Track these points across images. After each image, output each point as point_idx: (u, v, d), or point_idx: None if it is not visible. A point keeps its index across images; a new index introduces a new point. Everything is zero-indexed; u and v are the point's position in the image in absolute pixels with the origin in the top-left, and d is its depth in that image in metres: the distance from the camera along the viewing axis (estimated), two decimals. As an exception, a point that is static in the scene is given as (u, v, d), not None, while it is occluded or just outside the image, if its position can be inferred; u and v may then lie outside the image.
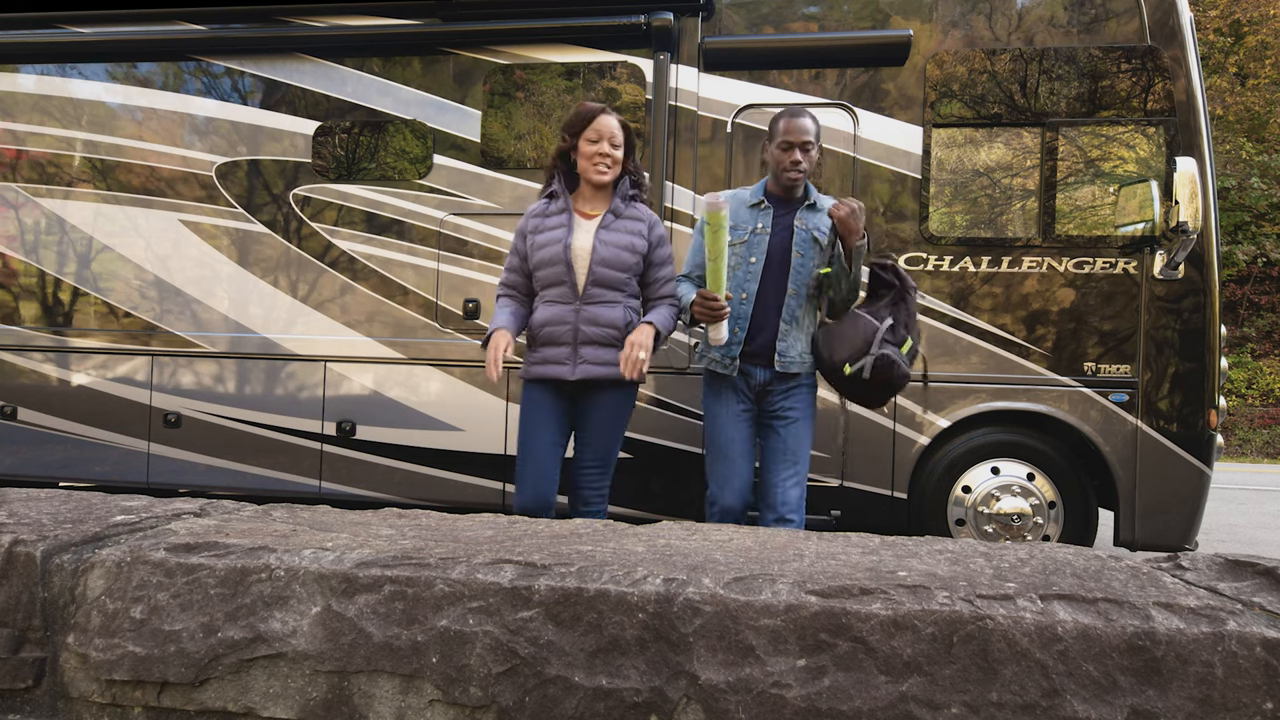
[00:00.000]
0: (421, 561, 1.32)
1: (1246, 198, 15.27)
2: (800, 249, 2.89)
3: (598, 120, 2.79)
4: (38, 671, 1.35)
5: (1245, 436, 13.96)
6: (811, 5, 4.27)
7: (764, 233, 2.88)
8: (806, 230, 2.90)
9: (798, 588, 1.23)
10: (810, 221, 2.92)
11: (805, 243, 2.89)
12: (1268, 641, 1.11)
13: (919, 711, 1.13)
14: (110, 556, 1.36)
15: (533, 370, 2.83)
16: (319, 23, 4.55)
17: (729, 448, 2.89)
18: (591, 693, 1.20)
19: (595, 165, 2.78)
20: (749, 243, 2.89)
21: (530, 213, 2.93)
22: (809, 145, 2.84)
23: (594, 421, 2.83)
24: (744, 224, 2.90)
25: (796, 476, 2.86)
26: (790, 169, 2.84)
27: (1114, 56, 3.93)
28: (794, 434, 2.88)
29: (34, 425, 4.78)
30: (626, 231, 2.82)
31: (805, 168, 2.86)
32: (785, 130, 2.85)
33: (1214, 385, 3.82)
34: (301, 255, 4.58)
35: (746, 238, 2.89)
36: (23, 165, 4.88)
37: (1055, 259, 3.94)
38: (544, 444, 2.79)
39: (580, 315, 2.77)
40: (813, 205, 2.94)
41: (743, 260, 2.89)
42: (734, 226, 2.86)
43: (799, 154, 2.83)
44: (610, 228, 2.82)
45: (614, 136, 2.79)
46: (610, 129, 2.79)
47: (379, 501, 4.43)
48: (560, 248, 2.77)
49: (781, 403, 2.90)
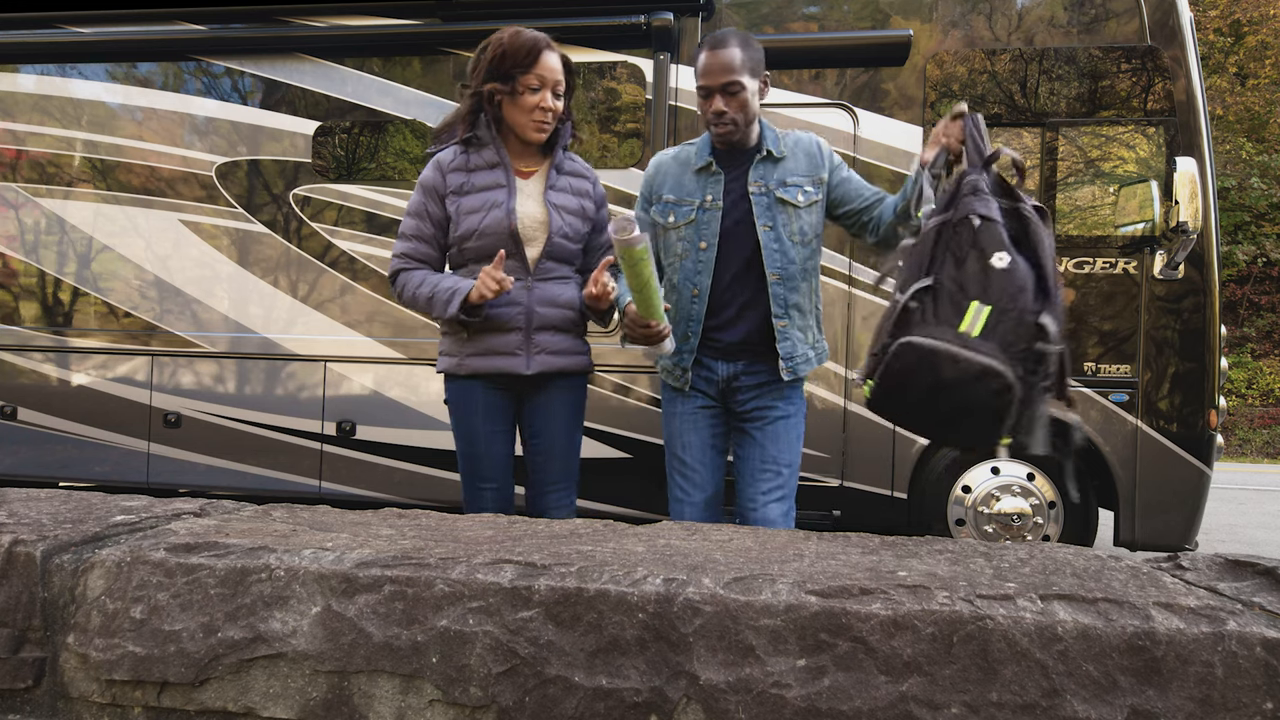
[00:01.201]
0: (421, 561, 1.32)
1: (1246, 198, 15.27)
2: (766, 219, 2.17)
3: (542, 60, 2.14)
4: (38, 671, 1.35)
5: (1245, 436, 13.96)
6: (811, 5, 4.27)
7: (714, 206, 2.19)
8: (766, 193, 2.18)
9: (798, 588, 1.23)
10: (772, 177, 2.18)
11: (769, 210, 2.18)
12: (1268, 641, 1.11)
13: (919, 711, 1.14)
14: (110, 556, 1.36)
15: (470, 364, 2.20)
16: (319, 23, 4.55)
17: (685, 454, 2.29)
18: (591, 693, 1.20)
19: (536, 121, 2.16)
20: (696, 223, 2.20)
21: (443, 164, 2.22)
22: (734, 86, 2.09)
23: (555, 426, 2.25)
24: (688, 197, 2.21)
25: (781, 491, 2.21)
26: (716, 123, 2.13)
27: (1114, 56, 3.93)
28: (773, 436, 2.23)
29: (34, 425, 4.78)
30: (574, 193, 2.27)
31: (734, 118, 2.12)
32: (701, 71, 2.12)
33: (1214, 385, 3.82)
34: (301, 255, 4.58)
35: (693, 216, 2.20)
36: (23, 165, 4.88)
37: (1055, 259, 3.93)
38: (500, 458, 2.22)
39: (534, 295, 2.18)
40: (769, 154, 2.19)
41: (690, 247, 2.21)
42: (676, 202, 2.22)
43: (720, 101, 2.10)
44: (559, 189, 2.25)
45: (559, 83, 2.18)
46: (555, 72, 2.16)
47: (379, 501, 4.43)
48: (502, 214, 2.15)
49: (755, 401, 2.25)
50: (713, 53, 2.10)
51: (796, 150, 2.22)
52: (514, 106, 2.16)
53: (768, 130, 2.23)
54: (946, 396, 1.63)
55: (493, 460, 2.22)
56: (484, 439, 2.21)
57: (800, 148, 2.23)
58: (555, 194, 2.24)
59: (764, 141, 2.21)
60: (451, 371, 2.24)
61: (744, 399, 2.25)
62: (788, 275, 2.18)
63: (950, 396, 1.63)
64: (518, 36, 2.15)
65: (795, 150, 2.22)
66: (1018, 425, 1.62)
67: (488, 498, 2.22)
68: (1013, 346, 1.62)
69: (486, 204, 2.17)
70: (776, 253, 2.18)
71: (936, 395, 1.65)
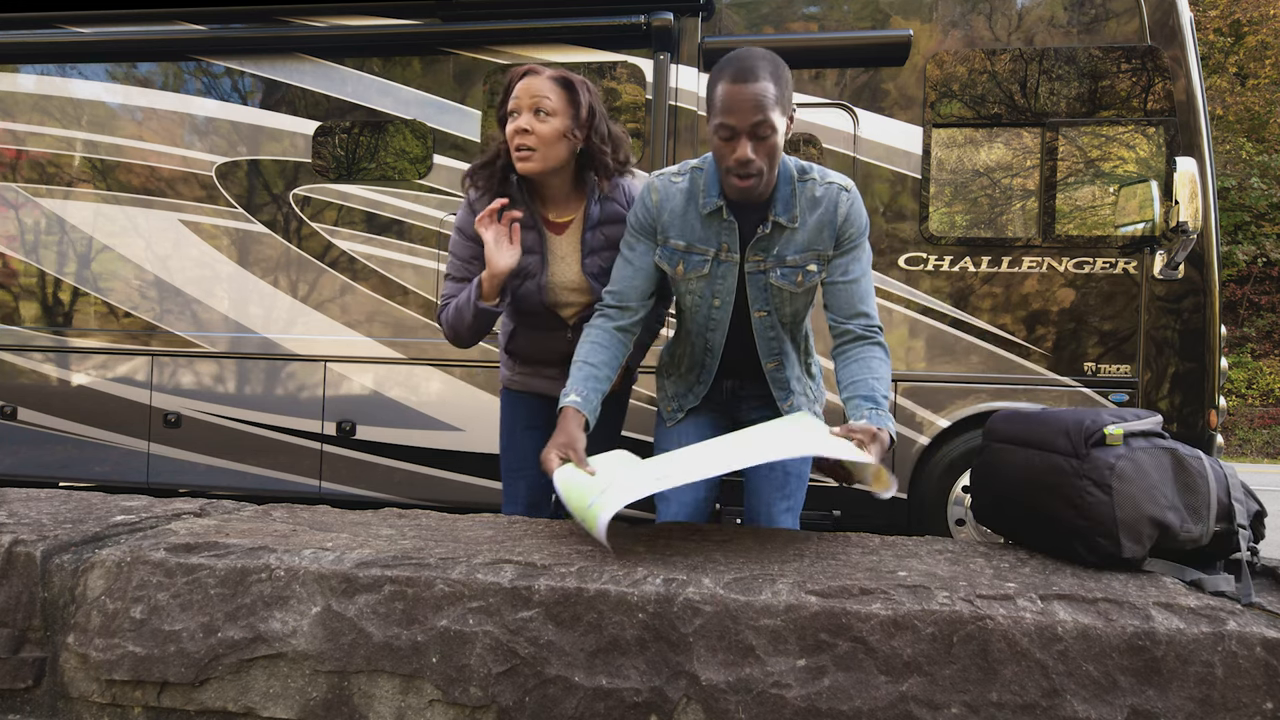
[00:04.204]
0: (421, 561, 1.32)
1: (1246, 198, 15.28)
2: (761, 305, 1.86)
3: (520, 84, 1.86)
4: (38, 671, 1.35)
5: (1245, 436, 13.96)
6: (811, 5, 4.27)
7: (730, 259, 1.82)
8: (762, 272, 1.82)
9: (798, 588, 1.23)
10: (772, 252, 1.80)
11: (764, 293, 1.85)
12: (1268, 641, 1.11)
13: (919, 711, 1.13)
14: (110, 556, 1.36)
15: (518, 380, 2.19)
16: (319, 23, 4.55)
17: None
18: (591, 693, 1.20)
19: (515, 150, 1.86)
20: (710, 277, 1.83)
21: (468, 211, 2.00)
22: (765, 129, 1.63)
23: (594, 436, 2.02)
24: (700, 244, 1.81)
25: (790, 511, 2.02)
26: (738, 172, 1.68)
27: (1114, 56, 3.93)
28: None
29: (34, 425, 4.78)
30: (613, 245, 1.96)
31: (762, 167, 1.67)
32: (723, 106, 1.64)
33: (1214, 385, 3.82)
34: (301, 255, 4.58)
35: (707, 270, 1.82)
36: (23, 165, 4.88)
37: (1055, 259, 3.94)
38: (531, 451, 2.08)
39: (572, 342, 1.96)
40: (777, 225, 1.77)
41: (702, 303, 1.88)
42: (687, 250, 1.82)
43: (748, 147, 1.64)
44: (595, 249, 1.98)
45: (541, 100, 1.84)
46: (531, 91, 1.84)
47: (379, 501, 4.43)
48: (534, 289, 1.98)
49: (759, 413, 2.03)
50: (739, 86, 1.62)
51: (810, 214, 1.78)
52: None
53: (784, 179, 1.76)
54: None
55: (524, 451, 2.16)
56: (520, 433, 2.18)
57: (816, 213, 1.78)
58: (592, 259, 1.98)
59: (775, 200, 1.76)
60: (504, 384, 2.24)
61: (746, 409, 2.09)
62: (784, 353, 1.96)
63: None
64: (508, 75, 1.93)
65: (809, 213, 1.78)
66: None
67: (521, 486, 2.18)
68: None
69: (520, 271, 1.97)
70: (772, 340, 1.92)
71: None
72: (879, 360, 1.75)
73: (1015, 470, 1.56)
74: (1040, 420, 1.55)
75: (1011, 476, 1.57)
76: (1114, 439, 1.37)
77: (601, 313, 1.87)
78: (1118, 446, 1.37)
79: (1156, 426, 1.43)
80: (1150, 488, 1.35)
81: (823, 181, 1.79)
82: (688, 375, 2.05)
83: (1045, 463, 1.47)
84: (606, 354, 1.83)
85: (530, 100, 1.84)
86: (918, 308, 4.04)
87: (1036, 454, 1.50)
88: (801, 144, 4.17)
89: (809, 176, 1.80)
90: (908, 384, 4.05)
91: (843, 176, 1.83)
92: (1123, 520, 1.33)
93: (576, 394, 1.75)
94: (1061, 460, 1.42)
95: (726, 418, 2.10)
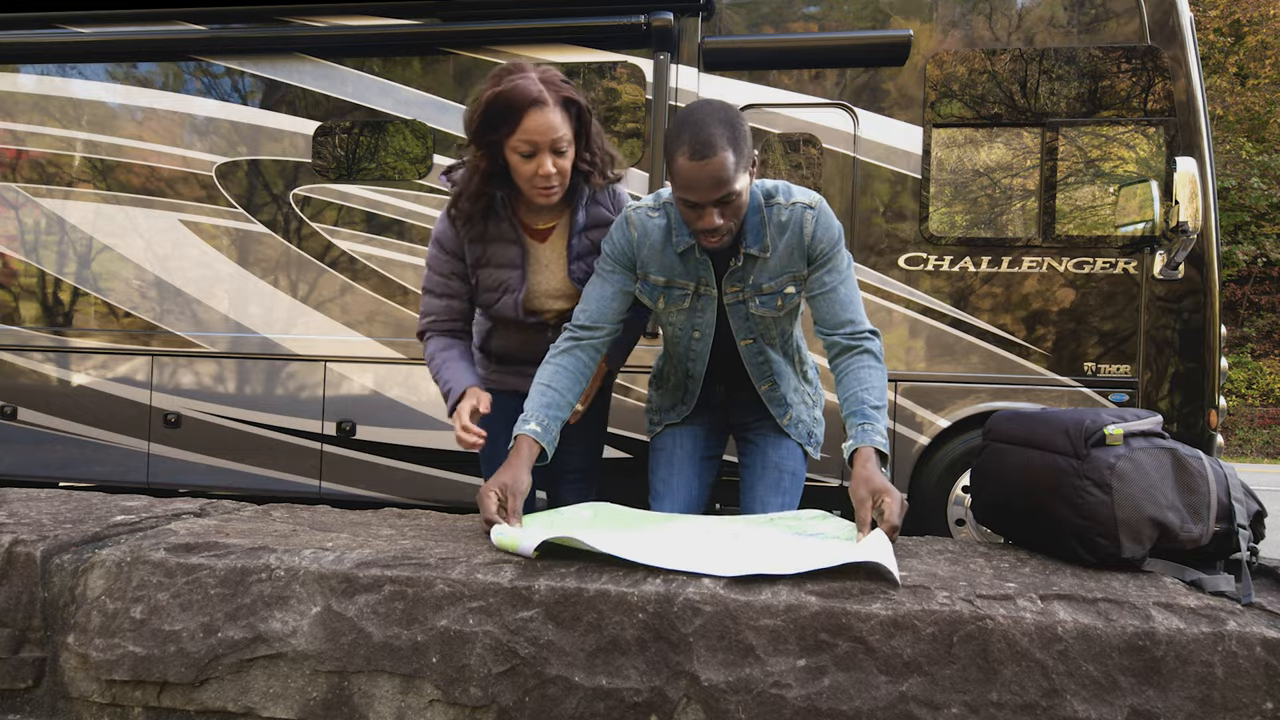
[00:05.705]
0: (421, 561, 1.32)
1: (1246, 198, 15.28)
2: (745, 333, 1.89)
3: (527, 123, 1.74)
4: (38, 671, 1.35)
5: (1245, 436, 13.96)
6: (811, 5, 4.27)
7: (708, 292, 1.84)
8: (741, 302, 1.85)
9: (798, 587, 1.23)
10: (748, 281, 1.82)
11: (746, 322, 1.88)
12: (1268, 641, 1.11)
13: (919, 711, 1.13)
14: (110, 556, 1.36)
15: (494, 379, 2.13)
16: (319, 23, 4.55)
17: (663, 453, 2.09)
18: (591, 693, 1.20)
19: (539, 189, 1.82)
20: (690, 310, 1.86)
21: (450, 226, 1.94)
22: (730, 197, 1.63)
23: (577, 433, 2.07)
24: (680, 279, 1.83)
25: (782, 499, 2.03)
26: (706, 238, 1.70)
27: (1114, 56, 3.93)
28: (775, 443, 2.03)
29: (34, 425, 4.78)
30: (600, 247, 1.94)
31: (729, 226, 1.69)
32: (683, 184, 1.63)
33: (1214, 385, 3.82)
34: (301, 255, 4.58)
35: (687, 304, 1.85)
36: (23, 165, 4.88)
37: (1055, 259, 3.94)
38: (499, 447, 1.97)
39: (552, 340, 1.94)
40: (749, 257, 1.79)
41: (683, 335, 1.91)
42: (667, 285, 1.84)
43: (714, 216, 1.65)
44: (581, 255, 1.97)
45: (557, 140, 1.77)
46: (549, 131, 1.75)
47: (379, 501, 4.43)
48: (510, 303, 1.95)
49: (755, 417, 2.05)
50: (698, 165, 1.59)
51: (779, 239, 1.79)
52: (512, 169, 1.84)
53: (751, 208, 1.77)
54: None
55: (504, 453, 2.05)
56: (499, 433, 2.05)
57: (785, 236, 1.78)
58: (578, 264, 1.96)
59: (745, 231, 1.77)
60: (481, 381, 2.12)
61: (740, 414, 2.09)
62: (776, 373, 1.98)
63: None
64: (500, 95, 1.74)
65: (778, 238, 1.79)
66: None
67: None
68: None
69: (499, 286, 1.96)
70: (762, 364, 1.94)
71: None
72: (867, 369, 1.73)
73: (1015, 470, 1.55)
74: (1040, 420, 1.55)
75: (1011, 476, 1.57)
76: (1114, 439, 1.37)
77: (571, 334, 1.83)
78: (1118, 446, 1.37)
79: (1156, 426, 1.43)
80: (1150, 488, 1.35)
81: (788, 203, 1.78)
82: (673, 393, 2.07)
83: (1045, 463, 1.46)
84: (569, 379, 1.79)
85: (549, 142, 1.77)
86: (918, 308, 4.05)
87: (1036, 454, 1.50)
88: (802, 144, 4.17)
89: (774, 201, 1.79)
90: (908, 384, 4.05)
91: (808, 193, 1.80)
92: (1122, 520, 1.33)
93: (536, 423, 1.71)
94: (1061, 460, 1.42)
95: (721, 423, 2.11)
